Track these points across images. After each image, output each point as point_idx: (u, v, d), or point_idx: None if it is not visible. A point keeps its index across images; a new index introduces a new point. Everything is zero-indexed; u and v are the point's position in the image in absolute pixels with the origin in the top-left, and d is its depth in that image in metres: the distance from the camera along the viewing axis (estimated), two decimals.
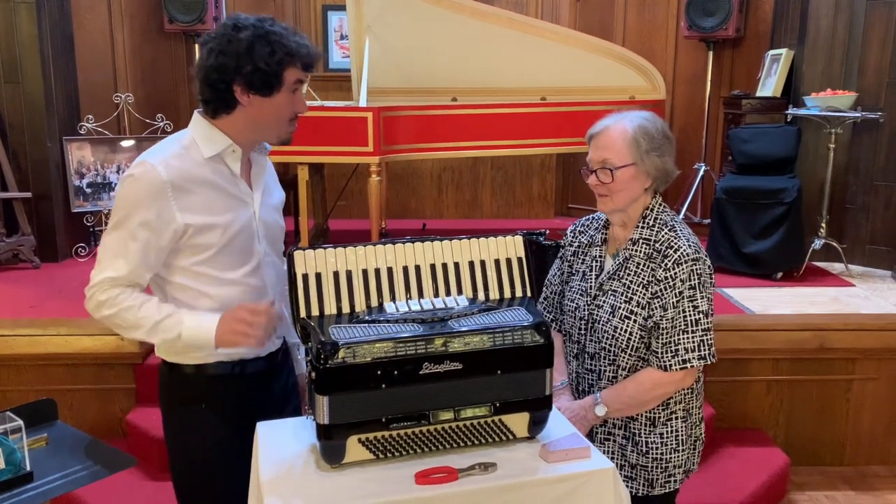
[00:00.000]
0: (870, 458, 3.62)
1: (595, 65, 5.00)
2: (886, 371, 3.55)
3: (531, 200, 6.36)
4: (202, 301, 1.78)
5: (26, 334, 3.32)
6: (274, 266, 1.91)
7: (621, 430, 1.94)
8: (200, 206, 1.74)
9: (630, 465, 1.94)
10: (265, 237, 1.88)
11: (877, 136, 4.67)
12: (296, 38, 1.76)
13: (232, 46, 1.70)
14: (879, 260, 4.70)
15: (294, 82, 1.77)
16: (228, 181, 1.80)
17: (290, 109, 1.79)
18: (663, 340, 1.87)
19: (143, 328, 1.72)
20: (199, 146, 1.77)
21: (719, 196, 4.53)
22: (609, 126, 1.88)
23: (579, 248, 2.04)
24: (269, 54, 1.70)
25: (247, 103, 1.75)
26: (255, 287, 1.84)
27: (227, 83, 1.72)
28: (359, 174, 5.37)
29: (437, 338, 1.57)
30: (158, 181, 1.69)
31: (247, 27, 1.72)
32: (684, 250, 1.86)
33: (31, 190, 4.64)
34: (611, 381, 1.91)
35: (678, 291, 1.85)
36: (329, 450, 1.57)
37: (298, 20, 6.19)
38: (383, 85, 4.83)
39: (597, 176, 1.87)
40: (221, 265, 1.78)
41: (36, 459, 1.64)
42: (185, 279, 1.78)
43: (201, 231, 1.74)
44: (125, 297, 1.71)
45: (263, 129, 1.80)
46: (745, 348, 3.46)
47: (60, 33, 4.87)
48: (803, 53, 4.87)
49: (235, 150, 1.80)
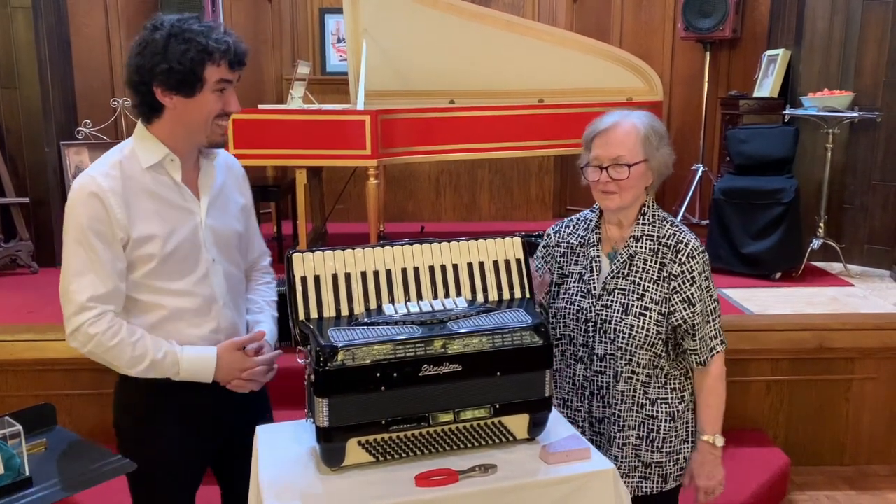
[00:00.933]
0: (870, 457, 3.62)
1: (592, 66, 5.01)
2: (886, 370, 3.55)
3: (529, 203, 6.36)
4: (151, 313, 1.77)
5: (25, 339, 3.31)
6: (226, 274, 1.87)
7: (636, 431, 1.92)
8: (140, 216, 1.72)
9: (644, 465, 1.93)
10: (214, 245, 1.83)
11: (874, 135, 4.68)
12: (216, 36, 1.70)
13: (148, 47, 1.68)
14: (878, 259, 4.70)
15: (217, 81, 1.72)
16: (170, 190, 1.77)
17: (215, 109, 1.74)
18: (699, 336, 1.90)
19: (139, 366, 1.73)
20: (137, 156, 1.75)
21: (717, 197, 4.53)
22: (618, 123, 1.87)
23: (569, 249, 2.01)
24: (182, 53, 1.66)
25: (170, 105, 1.72)
26: (203, 297, 1.82)
27: (147, 85, 1.70)
28: (357, 177, 5.37)
29: (436, 340, 1.57)
30: (99, 191, 1.68)
31: (163, 27, 1.69)
32: (694, 244, 1.90)
33: (28, 195, 4.64)
34: (627, 382, 1.89)
35: (699, 285, 1.89)
36: (329, 452, 1.57)
37: (296, 24, 6.20)
38: (381, 88, 4.83)
39: (608, 173, 1.85)
40: (166, 275, 1.76)
41: (35, 464, 1.63)
42: (137, 293, 1.76)
43: (141, 242, 1.72)
44: (115, 330, 1.70)
45: (190, 130, 1.76)
46: (744, 349, 3.46)
47: (57, 38, 4.87)
48: (800, 54, 4.88)
49: (174, 159, 1.77)
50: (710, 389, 1.95)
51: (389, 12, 4.77)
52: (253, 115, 4.21)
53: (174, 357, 1.75)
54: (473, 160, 5.79)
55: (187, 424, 1.83)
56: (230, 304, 1.88)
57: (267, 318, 2.00)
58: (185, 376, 1.77)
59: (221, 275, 1.85)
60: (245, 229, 1.96)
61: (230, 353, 1.81)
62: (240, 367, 1.81)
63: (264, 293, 2.06)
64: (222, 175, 1.90)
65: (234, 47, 1.73)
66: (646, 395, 1.91)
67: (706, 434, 1.95)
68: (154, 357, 1.73)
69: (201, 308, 1.81)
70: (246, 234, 1.98)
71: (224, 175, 1.91)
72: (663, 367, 1.91)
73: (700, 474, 1.95)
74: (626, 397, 1.90)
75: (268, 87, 6.17)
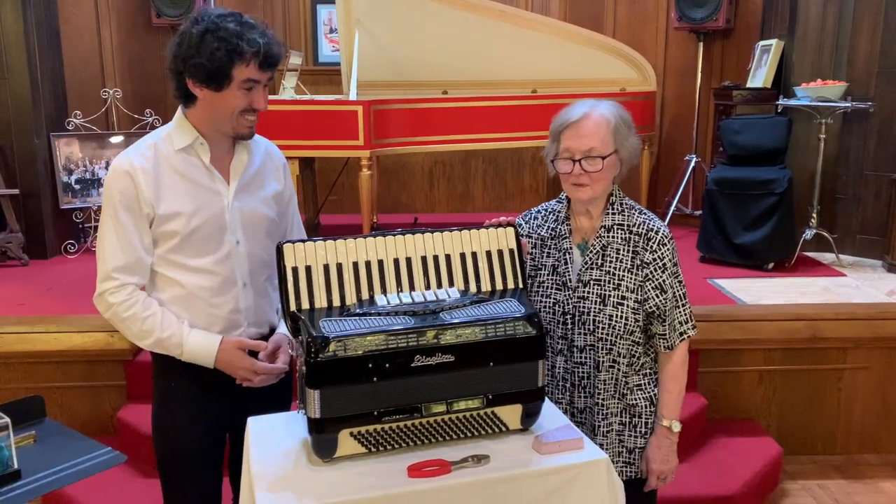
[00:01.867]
0: (861, 446, 3.64)
1: (586, 57, 4.99)
2: (877, 360, 3.57)
3: (523, 193, 6.35)
4: (172, 288, 1.88)
5: (15, 332, 3.29)
6: (249, 257, 1.93)
7: (618, 418, 1.93)
8: (167, 194, 1.83)
9: (628, 451, 1.95)
10: (241, 227, 1.90)
11: (867, 125, 4.68)
12: (251, 36, 1.77)
13: (186, 40, 1.77)
14: (870, 250, 4.71)
15: (245, 80, 1.79)
16: (199, 171, 1.87)
17: (240, 105, 1.81)
18: (669, 321, 1.91)
19: (146, 340, 1.85)
20: (172, 139, 1.86)
21: (710, 187, 4.53)
22: (588, 114, 1.86)
23: (540, 240, 2.00)
24: (214, 50, 1.74)
25: (200, 96, 1.82)
26: (223, 276, 1.89)
27: (180, 74, 1.81)
28: (349, 168, 5.35)
29: (428, 330, 1.56)
30: (131, 169, 1.80)
31: (202, 21, 1.77)
32: (664, 231, 1.92)
33: (18, 187, 4.60)
34: (609, 371, 1.90)
35: (670, 272, 1.90)
36: (321, 444, 1.56)
37: (287, 14, 6.15)
38: (373, 78, 4.81)
39: (581, 165, 1.84)
40: (187, 252, 1.86)
41: (23, 457, 1.62)
42: (160, 267, 1.87)
43: (167, 219, 1.83)
44: (131, 303, 1.82)
45: (217, 120, 1.84)
46: (737, 339, 3.47)
47: (47, 28, 4.82)
48: (793, 44, 4.87)
49: (203, 143, 1.86)
50: (673, 374, 1.96)
51: (382, 2, 4.74)
52: None
53: (179, 339, 1.84)
54: (467, 151, 5.77)
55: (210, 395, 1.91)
56: (252, 286, 1.94)
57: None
58: (187, 358, 1.86)
59: (245, 257, 1.92)
60: (279, 216, 2.01)
61: (233, 349, 1.87)
62: (238, 366, 1.87)
63: None
64: (259, 160, 1.97)
65: (265, 49, 1.79)
66: (626, 384, 1.93)
67: (665, 419, 1.95)
68: (159, 336, 1.83)
69: (221, 287, 1.89)
70: (282, 221, 2.03)
71: (261, 161, 1.98)
72: (639, 355, 1.93)
73: (655, 458, 1.95)
74: (608, 386, 1.91)
75: None
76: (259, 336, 1.97)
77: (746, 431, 3.45)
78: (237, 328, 1.93)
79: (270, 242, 1.97)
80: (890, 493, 3.31)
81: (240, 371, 1.87)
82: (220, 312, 1.90)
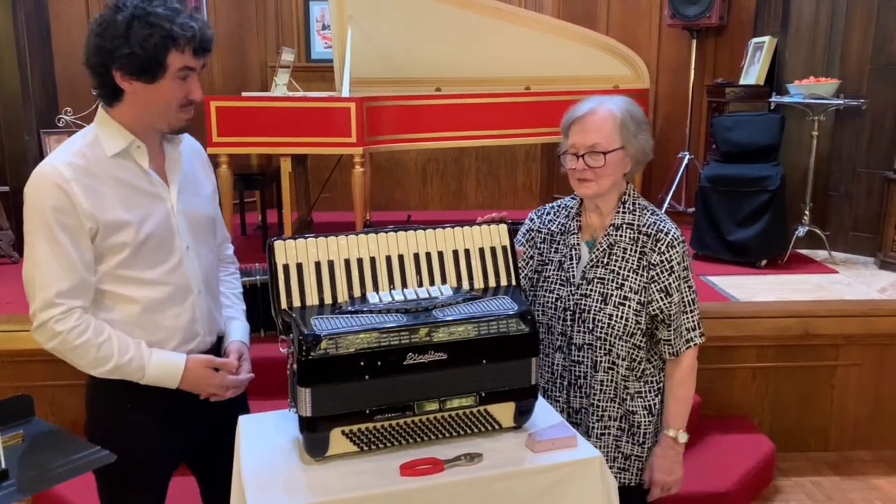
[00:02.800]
0: (854, 443, 3.65)
1: (579, 54, 4.99)
2: (870, 357, 3.57)
3: (516, 190, 6.34)
4: (123, 306, 1.71)
5: (4, 330, 3.27)
6: (200, 261, 1.81)
7: (617, 422, 1.90)
8: (109, 204, 1.65)
9: (624, 457, 1.92)
10: (189, 231, 1.78)
11: (859, 123, 4.69)
12: (181, 21, 1.62)
13: (109, 29, 1.60)
14: (862, 247, 4.72)
15: (180, 69, 1.64)
16: (138, 177, 1.71)
17: (177, 97, 1.68)
18: (674, 326, 1.88)
19: (101, 368, 1.68)
20: (101, 143, 1.68)
21: (703, 184, 4.53)
22: (594, 109, 1.85)
23: (549, 236, 1.99)
24: (145, 37, 1.58)
25: (130, 90, 1.65)
26: (178, 286, 1.76)
27: (106, 67, 1.63)
28: (342, 165, 5.32)
29: (421, 328, 1.55)
30: (62, 181, 1.61)
31: (126, 8, 1.60)
32: (674, 233, 1.88)
33: (8, 184, 4.57)
34: (607, 373, 1.87)
35: (677, 275, 1.86)
36: (312, 442, 1.55)
37: (280, 11, 6.13)
38: (366, 75, 4.79)
39: (584, 160, 1.83)
40: (139, 265, 1.70)
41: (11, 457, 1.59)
42: (108, 284, 1.70)
43: (113, 230, 1.66)
44: (81, 329, 1.64)
45: (151, 116, 1.69)
46: (730, 335, 3.47)
47: (37, 25, 4.79)
48: (786, 41, 4.87)
49: (140, 146, 1.71)
50: (681, 382, 1.92)
51: None
52: (237, 103, 4.16)
53: (140, 362, 1.69)
54: (460, 148, 5.76)
55: (163, 422, 1.79)
56: (206, 291, 1.84)
57: (239, 313, 1.97)
58: (149, 381, 1.71)
59: (196, 262, 1.80)
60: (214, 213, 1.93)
61: (200, 368, 1.75)
62: (207, 384, 1.76)
63: (232, 285, 2.03)
64: (189, 158, 1.85)
65: (199, 34, 1.65)
66: (626, 389, 1.89)
67: (671, 429, 1.92)
68: (119, 361, 1.67)
69: (176, 298, 1.76)
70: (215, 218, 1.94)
71: (191, 158, 1.86)
72: (640, 360, 1.90)
73: (659, 468, 1.91)
74: (606, 388, 1.88)
75: (252, 74, 6.11)
76: (211, 345, 1.87)
77: (739, 428, 3.45)
78: (194, 339, 1.80)
79: (214, 242, 1.92)
80: (883, 489, 3.32)
81: (210, 388, 1.77)
82: (178, 324, 1.76)
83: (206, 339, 1.84)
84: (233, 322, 1.94)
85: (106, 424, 1.79)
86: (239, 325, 1.95)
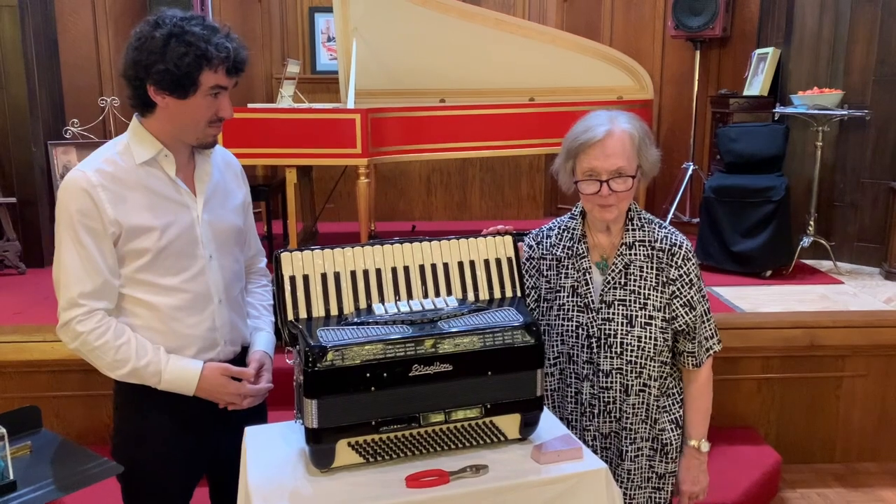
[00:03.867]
0: (860, 454, 3.63)
1: (583, 65, 5.00)
2: (876, 368, 3.56)
3: (520, 201, 6.35)
4: (142, 311, 1.75)
5: (11, 341, 3.28)
6: (223, 271, 1.84)
7: (649, 443, 1.88)
8: (134, 209, 1.71)
9: (658, 476, 1.91)
10: (213, 241, 1.82)
11: (863, 133, 4.69)
12: (217, 41, 1.67)
13: (147, 44, 1.65)
14: (867, 257, 4.72)
15: (212, 87, 1.69)
16: (165, 185, 1.76)
17: (207, 114, 1.72)
18: (699, 339, 1.87)
19: (120, 371, 1.72)
20: (132, 151, 1.74)
21: (708, 195, 4.53)
22: (611, 132, 1.76)
23: (555, 261, 1.91)
24: (181, 56, 1.63)
25: (162, 104, 1.70)
26: (198, 294, 1.79)
27: (140, 80, 1.68)
28: (347, 176, 5.34)
29: (426, 339, 1.55)
30: (89, 187, 1.67)
31: (165, 25, 1.65)
32: (687, 245, 1.87)
33: (15, 195, 4.59)
34: (639, 395, 1.84)
35: (697, 287, 1.86)
36: (318, 454, 1.55)
37: (285, 23, 6.17)
38: (371, 87, 4.81)
39: (609, 186, 1.75)
40: (159, 271, 1.74)
41: (19, 468, 1.61)
42: (127, 289, 1.74)
43: (136, 234, 1.71)
44: (102, 331, 1.69)
45: (181, 130, 1.74)
46: (735, 346, 3.46)
47: (44, 37, 4.83)
48: (790, 52, 4.88)
49: (168, 155, 1.75)
50: (700, 392, 1.92)
51: (379, 11, 4.75)
52: (242, 114, 4.18)
53: (157, 367, 1.72)
54: (464, 159, 5.78)
55: (185, 430, 1.81)
56: (227, 301, 1.86)
57: (266, 325, 1.99)
58: (165, 387, 1.74)
59: (218, 271, 1.83)
60: (244, 225, 1.95)
61: (217, 376, 1.78)
62: (223, 392, 1.79)
63: (262, 297, 2.05)
64: (220, 170, 1.89)
65: (234, 54, 1.70)
66: (657, 408, 1.87)
67: (693, 439, 1.91)
68: (136, 364, 1.71)
69: (196, 306, 1.79)
70: (245, 229, 1.96)
71: (222, 170, 1.90)
72: (667, 376, 1.88)
73: (685, 479, 1.93)
74: (638, 410, 1.85)
75: (257, 85, 6.14)
76: (234, 355, 1.89)
77: (745, 440, 3.44)
78: (214, 348, 1.84)
79: (241, 253, 1.93)
80: (889, 501, 3.30)
81: (225, 397, 1.79)
82: (197, 332, 1.80)
83: (227, 349, 1.87)
84: (258, 333, 1.96)
85: (129, 430, 1.82)
86: (264, 335, 1.96)
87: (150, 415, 1.79)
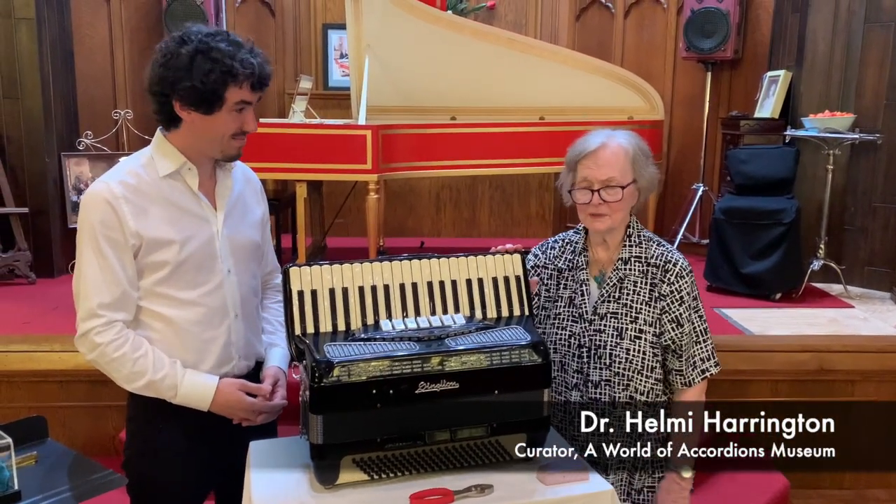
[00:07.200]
0: (870, 481, 3.58)
1: (594, 85, 5.01)
2: (886, 393, 3.52)
3: (529, 219, 6.35)
4: (158, 324, 1.76)
5: (20, 350, 3.29)
6: (240, 286, 1.85)
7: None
8: (155, 222, 1.72)
9: (636, 492, 1.90)
10: (231, 255, 1.82)
11: (875, 157, 4.68)
12: (243, 56, 1.68)
13: (173, 60, 1.67)
14: (878, 281, 4.68)
15: (237, 102, 1.71)
16: (187, 198, 1.78)
17: (231, 128, 1.74)
18: (686, 356, 1.88)
19: (136, 383, 1.73)
20: (155, 164, 1.76)
21: (717, 216, 4.52)
22: (606, 143, 1.85)
23: (556, 272, 1.97)
24: (207, 72, 1.65)
25: (187, 119, 1.72)
26: (213, 308, 1.80)
27: (166, 96, 1.70)
28: (357, 192, 5.36)
29: (433, 356, 1.55)
30: (111, 198, 1.69)
31: (191, 41, 1.67)
32: (682, 263, 1.89)
33: (28, 205, 4.62)
34: (625, 408, 1.83)
35: (687, 305, 1.87)
36: (322, 470, 1.55)
37: (299, 39, 6.22)
38: (382, 103, 4.84)
39: (600, 195, 1.83)
40: (177, 284, 1.75)
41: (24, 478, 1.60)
42: (145, 301, 1.76)
43: (156, 247, 1.72)
44: (120, 342, 1.70)
45: (205, 144, 1.76)
46: (744, 369, 3.43)
47: (60, 49, 4.88)
48: (801, 75, 4.89)
49: (191, 168, 1.77)
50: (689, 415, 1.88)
51: (392, 29, 4.79)
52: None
53: (173, 381, 1.73)
54: (474, 176, 5.79)
55: (197, 444, 1.81)
56: (243, 316, 1.86)
57: (281, 340, 1.98)
58: (181, 401, 1.75)
59: (236, 286, 1.84)
60: (261, 240, 1.96)
61: (233, 391, 1.78)
62: (238, 408, 1.79)
63: (277, 312, 2.04)
64: (240, 185, 1.90)
65: (258, 69, 1.71)
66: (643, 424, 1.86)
67: (676, 464, 1.85)
68: (152, 377, 1.72)
69: (212, 320, 1.79)
70: (262, 245, 1.97)
71: (242, 185, 1.91)
72: (658, 393, 1.89)
73: (664, 500, 1.89)
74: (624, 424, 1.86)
75: (270, 100, 6.18)
76: (248, 370, 1.89)
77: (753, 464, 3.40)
78: (228, 363, 1.84)
79: (258, 269, 1.94)
80: None
81: (240, 413, 1.79)
82: (213, 347, 1.80)
83: (241, 364, 1.87)
84: (273, 349, 1.96)
85: (141, 442, 1.82)
86: (279, 351, 1.96)
87: (164, 428, 1.79)
